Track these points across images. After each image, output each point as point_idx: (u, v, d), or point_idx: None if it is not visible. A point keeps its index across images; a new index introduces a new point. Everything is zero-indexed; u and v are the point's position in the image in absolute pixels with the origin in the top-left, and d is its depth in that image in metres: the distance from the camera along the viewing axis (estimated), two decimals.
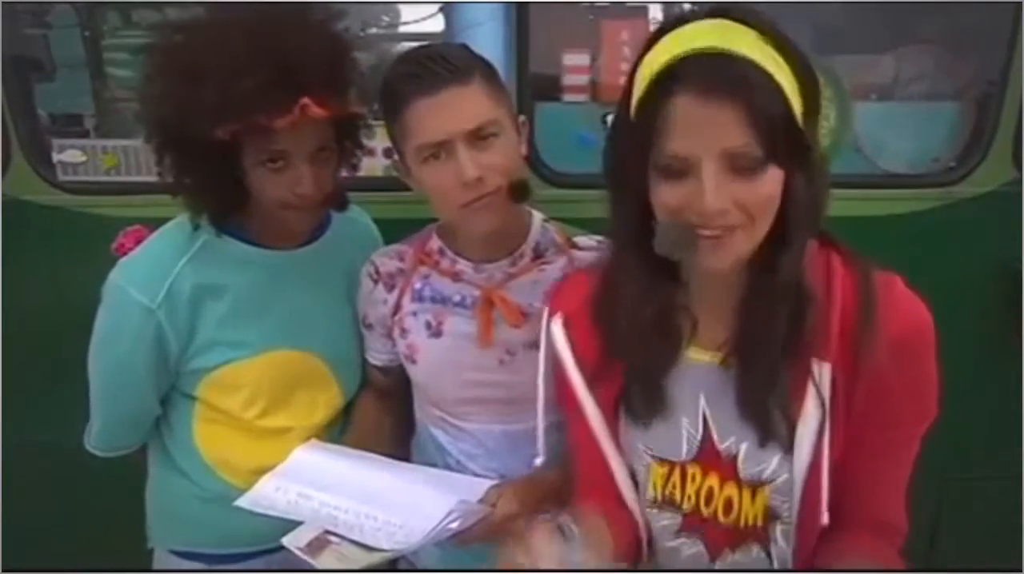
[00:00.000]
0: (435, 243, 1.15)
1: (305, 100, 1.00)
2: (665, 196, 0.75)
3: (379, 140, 1.63)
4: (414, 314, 1.14)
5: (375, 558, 0.90)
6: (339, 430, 1.25)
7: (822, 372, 0.79)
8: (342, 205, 1.19)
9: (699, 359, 0.86)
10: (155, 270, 1.11)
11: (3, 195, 1.51)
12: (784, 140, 0.72)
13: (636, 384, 0.88)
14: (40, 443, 1.02)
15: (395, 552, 0.91)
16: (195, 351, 1.14)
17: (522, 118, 1.07)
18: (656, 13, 1.79)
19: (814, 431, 0.79)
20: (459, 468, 1.16)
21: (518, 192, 1.01)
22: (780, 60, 0.73)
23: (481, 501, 0.98)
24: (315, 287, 1.21)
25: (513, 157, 1.02)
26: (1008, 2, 1.48)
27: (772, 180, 0.74)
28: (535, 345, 1.05)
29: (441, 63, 0.96)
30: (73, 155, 1.56)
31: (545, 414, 0.97)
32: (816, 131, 0.77)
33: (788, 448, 0.80)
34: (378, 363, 1.24)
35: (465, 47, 1.05)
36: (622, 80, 1.73)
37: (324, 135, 1.08)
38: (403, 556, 1.19)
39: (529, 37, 1.44)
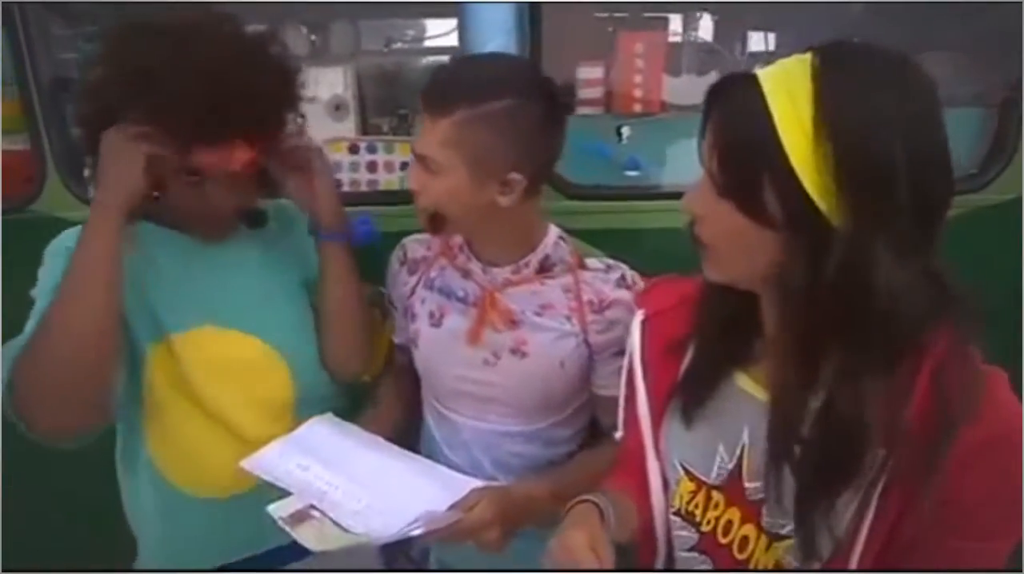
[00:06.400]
0: (459, 239, 1.20)
1: (237, 143, 1.00)
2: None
3: (397, 154, 1.66)
4: (423, 301, 1.21)
5: (349, 540, 0.90)
6: (292, 423, 1.15)
7: (876, 460, 0.70)
8: (255, 222, 1.15)
9: (752, 393, 0.83)
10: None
11: (37, 212, 1.56)
12: (751, 181, 0.69)
13: (687, 385, 0.87)
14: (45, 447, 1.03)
15: (367, 538, 0.90)
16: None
17: (516, 176, 1.03)
18: (675, 25, 1.79)
19: (850, 515, 0.72)
20: (441, 457, 1.21)
21: (429, 224, 1.09)
22: (807, 113, 0.66)
23: (458, 503, 0.97)
24: (256, 270, 1.18)
25: (448, 194, 1.04)
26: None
27: (724, 215, 0.73)
28: (518, 351, 1.14)
29: (437, 90, 1.03)
30: None
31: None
32: (850, 202, 0.66)
33: (817, 521, 0.72)
34: (399, 341, 1.31)
35: (494, 78, 1.03)
36: (636, 91, 1.72)
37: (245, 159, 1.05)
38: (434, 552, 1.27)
39: (542, 49, 1.45)
